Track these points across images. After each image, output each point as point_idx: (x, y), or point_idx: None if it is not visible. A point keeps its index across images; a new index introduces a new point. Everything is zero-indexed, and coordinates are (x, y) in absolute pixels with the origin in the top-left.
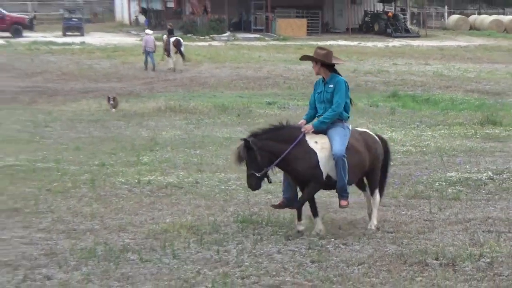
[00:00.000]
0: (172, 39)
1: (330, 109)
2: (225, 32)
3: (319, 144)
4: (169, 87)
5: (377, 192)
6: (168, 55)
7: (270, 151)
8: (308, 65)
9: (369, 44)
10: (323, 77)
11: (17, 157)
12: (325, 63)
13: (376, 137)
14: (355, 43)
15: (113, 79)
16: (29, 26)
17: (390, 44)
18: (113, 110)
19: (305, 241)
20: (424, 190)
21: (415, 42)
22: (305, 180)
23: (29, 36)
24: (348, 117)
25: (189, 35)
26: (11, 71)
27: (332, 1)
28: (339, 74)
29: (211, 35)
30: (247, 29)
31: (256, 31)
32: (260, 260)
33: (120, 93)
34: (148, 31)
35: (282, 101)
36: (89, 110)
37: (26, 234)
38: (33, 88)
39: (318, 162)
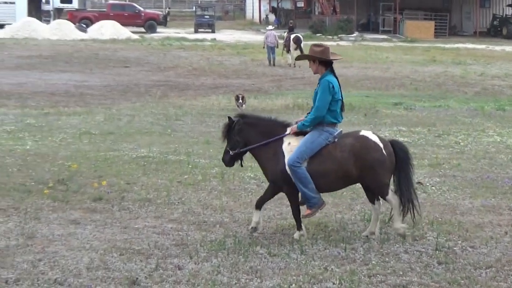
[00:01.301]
0: (292, 36)
1: (312, 111)
2: (353, 33)
3: (289, 147)
4: (297, 85)
5: (390, 198)
6: (288, 51)
7: (246, 136)
8: (436, 67)
9: (497, 48)
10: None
11: (150, 148)
12: (322, 60)
13: (378, 143)
14: (483, 46)
15: (243, 75)
16: (163, 22)
17: None
18: (242, 108)
19: (432, 242)
20: None
21: None
22: (275, 182)
23: (163, 32)
24: (334, 122)
25: (318, 34)
26: (144, 65)
27: (460, 4)
28: (333, 73)
29: (339, 35)
30: (375, 30)
31: (383, 32)
32: (387, 259)
33: (248, 90)
34: (269, 27)
35: (409, 102)
36: (219, 105)
37: (158, 224)
38: (165, 82)
39: (285, 165)
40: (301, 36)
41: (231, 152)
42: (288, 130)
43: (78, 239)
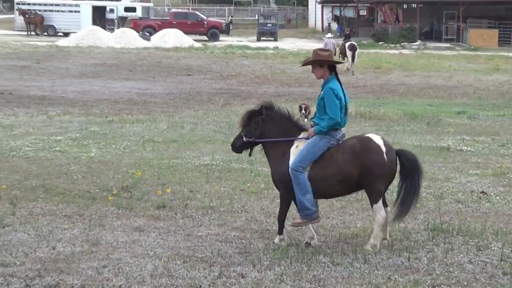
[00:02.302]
0: (347, 44)
1: (327, 117)
2: (415, 41)
3: (297, 149)
4: (359, 93)
5: (377, 208)
6: (344, 58)
7: (264, 129)
8: (500, 76)
9: None
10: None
11: (213, 156)
12: (332, 63)
13: (380, 146)
14: None
15: (305, 84)
16: (225, 30)
17: None
18: (305, 120)
19: (497, 253)
20: None
21: None
22: (276, 184)
23: (225, 40)
24: (335, 128)
25: (380, 43)
26: (207, 73)
27: None
28: (337, 77)
29: (402, 44)
30: (438, 39)
31: (446, 40)
32: (451, 269)
33: (311, 98)
34: (329, 34)
35: (472, 111)
36: None
37: (221, 232)
38: (227, 90)
39: (288, 166)
40: (356, 44)
41: (244, 138)
42: (302, 134)
43: (142, 246)
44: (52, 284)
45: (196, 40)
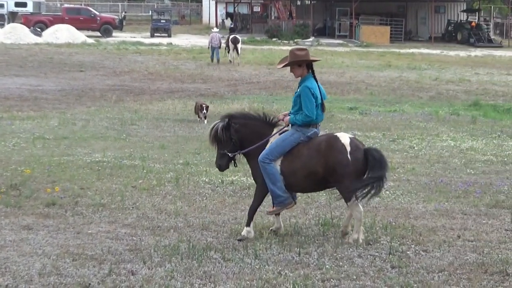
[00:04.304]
0: (231, 37)
1: (303, 113)
2: (309, 37)
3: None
4: (252, 89)
5: (352, 205)
6: (229, 50)
7: (241, 138)
8: (391, 72)
9: (451, 53)
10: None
11: (104, 153)
12: (310, 61)
13: (345, 146)
14: (438, 51)
15: (198, 80)
16: (119, 26)
17: (473, 54)
18: (205, 120)
19: (386, 247)
20: (505, 199)
21: (498, 52)
22: (255, 177)
23: (118, 36)
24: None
25: (274, 39)
26: (100, 69)
27: (415, 10)
28: (314, 74)
29: (295, 40)
30: (331, 35)
31: (339, 37)
32: (340, 263)
33: (204, 94)
34: (215, 28)
35: (364, 106)
36: (174, 110)
37: (112, 229)
38: (120, 86)
39: None
40: (238, 37)
41: (230, 154)
42: (275, 130)
43: (30, 245)
44: None
45: (88, 36)
